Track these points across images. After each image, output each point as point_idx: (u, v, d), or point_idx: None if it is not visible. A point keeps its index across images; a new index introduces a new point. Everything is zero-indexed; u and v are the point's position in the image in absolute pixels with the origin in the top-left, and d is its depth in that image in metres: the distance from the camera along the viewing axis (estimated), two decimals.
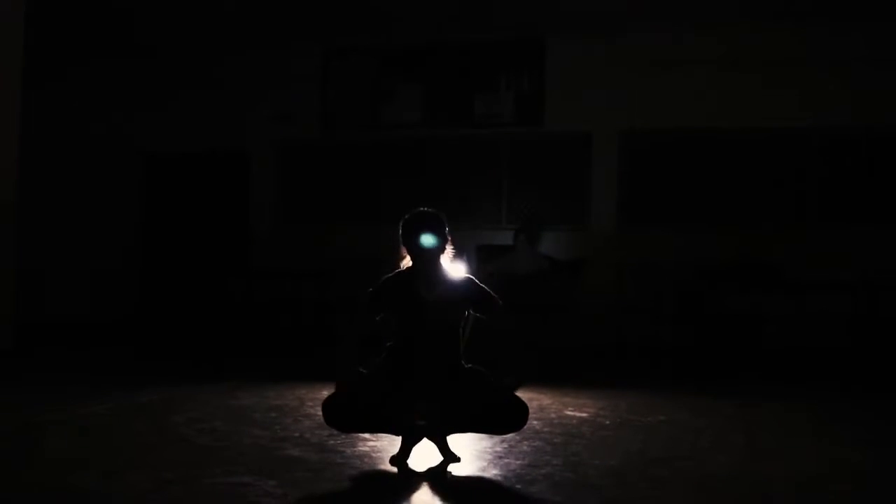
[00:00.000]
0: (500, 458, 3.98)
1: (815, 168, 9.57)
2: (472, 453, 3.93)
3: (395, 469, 3.71)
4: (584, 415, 5.27)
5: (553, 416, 5.22)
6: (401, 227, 3.84)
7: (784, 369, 8.19)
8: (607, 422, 5.06)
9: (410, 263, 3.88)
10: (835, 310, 8.93)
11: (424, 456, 3.93)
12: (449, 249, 3.90)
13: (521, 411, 3.74)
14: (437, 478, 3.62)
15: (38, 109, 11.06)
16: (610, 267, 9.68)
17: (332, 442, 4.25)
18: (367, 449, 4.11)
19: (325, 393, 5.86)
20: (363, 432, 4.11)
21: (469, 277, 3.89)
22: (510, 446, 4.24)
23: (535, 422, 4.97)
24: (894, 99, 9.26)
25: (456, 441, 4.12)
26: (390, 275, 3.91)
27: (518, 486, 3.46)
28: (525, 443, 4.35)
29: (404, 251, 3.87)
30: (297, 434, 4.45)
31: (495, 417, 3.78)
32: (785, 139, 9.62)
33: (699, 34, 9.70)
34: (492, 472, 3.69)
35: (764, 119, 9.54)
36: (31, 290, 10.74)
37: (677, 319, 9.20)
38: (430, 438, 3.85)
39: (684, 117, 9.73)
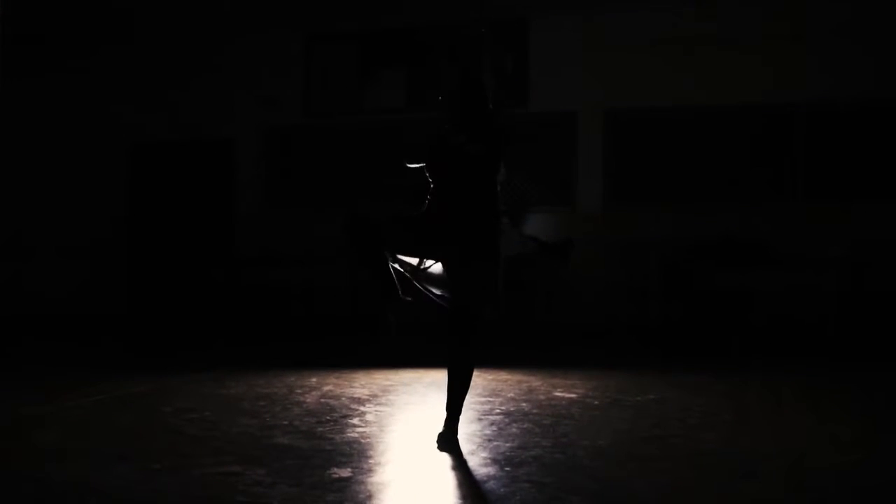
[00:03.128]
0: (489, 440, 3.99)
1: (800, 143, 9.57)
2: (461, 436, 3.93)
3: (383, 456, 3.71)
4: (573, 395, 5.28)
5: (542, 397, 5.23)
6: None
7: (772, 345, 8.22)
8: (596, 402, 5.07)
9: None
10: (822, 284, 8.95)
11: (413, 440, 3.94)
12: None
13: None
14: (425, 463, 3.62)
15: (21, 99, 10.99)
16: (597, 246, 9.67)
17: (321, 429, 4.25)
18: (356, 435, 4.11)
19: (315, 380, 5.86)
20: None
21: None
22: (499, 429, 4.25)
23: (523, 404, 4.99)
24: (877, 71, 9.27)
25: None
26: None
27: (507, 469, 3.47)
28: (514, 425, 4.36)
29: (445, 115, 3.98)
30: (286, 422, 4.45)
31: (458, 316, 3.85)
32: (770, 114, 9.60)
33: (683, 11, 9.67)
34: (480, 455, 3.69)
35: (749, 94, 9.53)
36: (14, 280, 10.71)
37: (665, 297, 9.22)
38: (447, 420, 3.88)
39: (669, 94, 9.70)
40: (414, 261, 3.94)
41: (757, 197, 9.56)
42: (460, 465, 3.55)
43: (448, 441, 3.82)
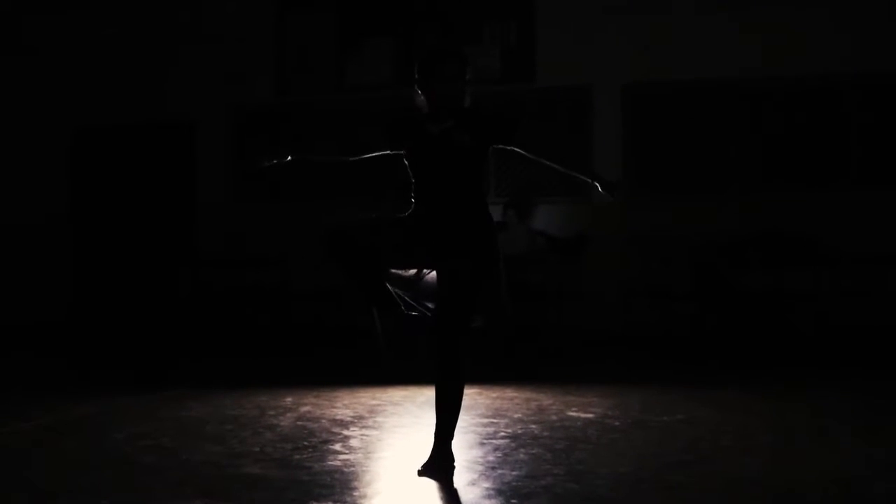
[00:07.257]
0: (493, 468, 3.99)
1: (855, 120, 9.53)
2: (460, 464, 3.93)
3: (369, 487, 3.71)
4: (589, 415, 5.28)
5: (554, 417, 5.23)
6: (416, 68, 3.99)
7: (820, 356, 8.22)
8: (617, 423, 5.07)
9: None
10: (881, 285, 8.94)
11: (404, 469, 3.94)
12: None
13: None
14: (418, 495, 3.62)
15: None
16: (616, 242, 9.66)
17: (297, 457, 4.24)
18: (338, 463, 4.11)
19: (290, 400, 5.86)
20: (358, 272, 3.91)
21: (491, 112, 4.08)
22: (504, 455, 4.25)
23: (533, 425, 4.99)
24: None
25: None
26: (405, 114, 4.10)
27: (513, 501, 3.46)
28: (522, 450, 4.36)
29: (419, 96, 4.00)
30: (256, 449, 4.44)
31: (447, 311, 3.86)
32: (819, 87, 9.57)
33: None
34: (482, 486, 3.69)
35: (793, 65, 9.50)
36: None
37: (696, 301, 9.21)
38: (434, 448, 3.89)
39: (699, 66, 9.68)
40: (407, 272, 3.94)
41: (804, 184, 9.54)
42: (459, 497, 3.55)
43: (440, 469, 3.82)
